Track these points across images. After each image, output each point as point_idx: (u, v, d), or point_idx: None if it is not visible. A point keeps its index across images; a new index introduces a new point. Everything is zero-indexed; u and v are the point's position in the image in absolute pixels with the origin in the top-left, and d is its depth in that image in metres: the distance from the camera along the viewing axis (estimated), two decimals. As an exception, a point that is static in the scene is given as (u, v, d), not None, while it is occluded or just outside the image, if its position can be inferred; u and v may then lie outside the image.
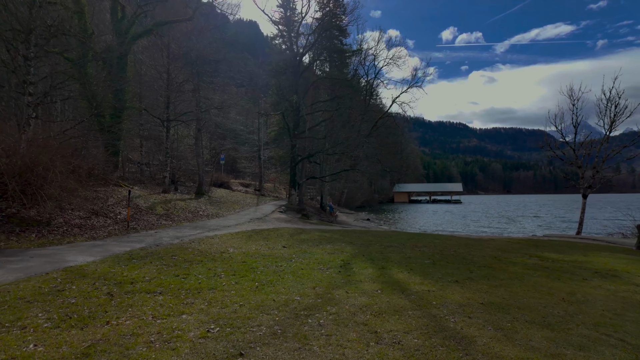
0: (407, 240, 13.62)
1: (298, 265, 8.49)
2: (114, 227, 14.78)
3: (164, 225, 16.94)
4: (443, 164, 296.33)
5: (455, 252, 11.01)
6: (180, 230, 15.48)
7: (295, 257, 9.62)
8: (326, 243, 12.43)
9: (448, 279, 7.49)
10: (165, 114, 26.47)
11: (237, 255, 9.65)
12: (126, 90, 25.02)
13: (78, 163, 18.17)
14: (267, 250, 10.77)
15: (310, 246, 11.66)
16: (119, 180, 23.70)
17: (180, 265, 8.27)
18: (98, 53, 23.02)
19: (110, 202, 17.82)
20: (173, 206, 21.38)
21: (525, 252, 11.35)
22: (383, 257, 9.74)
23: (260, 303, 5.64)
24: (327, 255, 9.88)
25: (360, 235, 15.26)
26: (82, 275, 7.11)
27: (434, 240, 13.96)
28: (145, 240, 12.19)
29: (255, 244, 11.86)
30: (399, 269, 8.38)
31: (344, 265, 8.64)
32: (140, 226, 15.91)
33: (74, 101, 23.74)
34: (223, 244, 11.81)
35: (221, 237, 13.37)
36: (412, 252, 10.92)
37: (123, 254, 9.42)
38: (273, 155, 53.84)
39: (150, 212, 18.67)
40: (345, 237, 14.42)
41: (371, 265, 8.63)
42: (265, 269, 8.10)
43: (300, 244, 12.21)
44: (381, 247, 11.80)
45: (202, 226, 17.18)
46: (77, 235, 12.64)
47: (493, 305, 5.79)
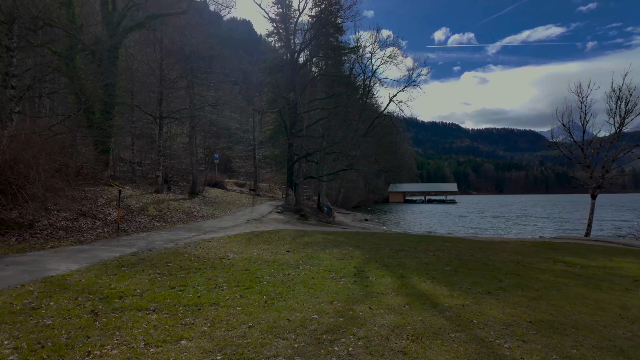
0: (417, 244, 12.81)
1: (307, 274, 7.63)
2: (103, 230, 13.80)
3: (157, 227, 15.98)
4: (436, 164, 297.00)
5: (473, 257, 10.22)
6: (174, 232, 14.54)
7: (303, 263, 8.75)
8: (332, 247, 11.58)
9: (478, 290, 6.68)
10: (158, 111, 25.46)
11: (238, 262, 8.77)
12: (117, 86, 23.99)
13: (65, 161, 17.17)
14: (270, 255, 9.89)
15: (315, 250, 10.80)
16: (109, 179, 22.69)
17: (176, 274, 7.37)
18: (87, 45, 21.96)
19: (100, 203, 16.82)
20: (166, 207, 20.41)
21: (546, 257, 10.59)
22: (398, 264, 8.92)
23: (272, 323, 4.77)
24: (336, 261, 9.03)
25: (366, 237, 14.43)
26: (63, 287, 6.19)
27: (444, 243, 13.17)
28: (136, 244, 11.25)
29: (256, 248, 10.98)
30: (420, 277, 7.55)
31: (358, 273, 7.79)
32: (132, 228, 14.94)
33: (63, 97, 22.67)
34: (221, 248, 10.90)
35: (219, 241, 12.47)
36: (427, 257, 10.11)
37: (112, 261, 8.49)
38: (268, 155, 52.89)
39: (142, 213, 17.70)
40: (350, 239, 13.58)
41: (388, 273, 7.79)
42: (271, 278, 7.22)
43: (305, 248, 11.35)
44: (392, 251, 10.98)
45: (198, 228, 16.25)
46: (62, 238, 11.66)
47: (544, 324, 4.98)
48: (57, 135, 17.05)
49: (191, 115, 27.72)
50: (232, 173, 55.23)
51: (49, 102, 25.63)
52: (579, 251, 11.97)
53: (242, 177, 54.16)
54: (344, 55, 34.59)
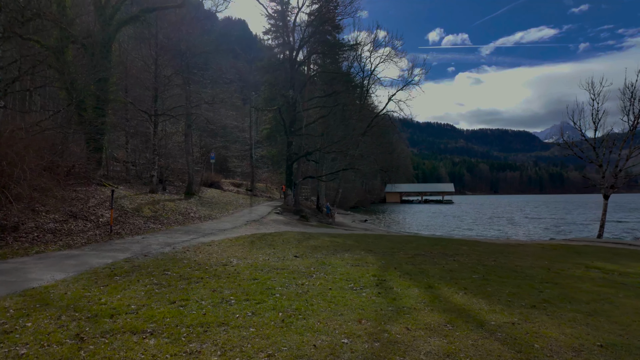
0: (432, 247, 12.02)
1: (323, 284, 6.80)
2: (95, 232, 12.89)
3: (152, 229, 15.08)
4: (432, 164, 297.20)
5: (497, 262, 9.44)
6: (171, 235, 13.65)
7: (315, 271, 7.92)
8: (342, 251, 10.75)
9: (520, 303, 5.88)
10: (153, 108, 24.53)
11: (243, 269, 7.91)
12: (110, 81, 23.03)
13: (54, 159, 16.24)
14: (278, 261, 9.05)
15: (325, 255, 9.97)
16: (102, 179, 21.75)
17: (176, 284, 6.51)
18: (78, 39, 20.99)
19: (92, 204, 15.89)
20: (162, 207, 19.50)
21: (574, 262, 9.83)
22: (420, 271, 8.10)
23: (296, 351, 3.93)
24: (351, 269, 8.20)
25: (376, 241, 13.61)
26: (45, 302, 5.32)
27: (460, 246, 12.38)
28: (130, 248, 10.36)
29: (261, 253, 10.13)
30: (450, 287, 6.74)
31: (380, 283, 6.96)
32: (126, 231, 14.03)
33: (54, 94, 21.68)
34: (223, 252, 10.04)
35: (219, 244, 11.60)
36: (447, 262, 9.31)
37: (103, 269, 7.61)
38: (265, 154, 51.98)
39: (136, 214, 16.78)
40: (359, 243, 12.75)
41: (413, 283, 6.98)
42: (284, 289, 6.38)
43: (314, 252, 10.51)
44: (408, 256, 10.18)
45: (196, 230, 15.36)
46: (49, 242, 10.74)
47: (618, 349, 4.18)
48: (45, 132, 16.12)
49: (187, 112, 26.80)
50: (228, 173, 54.27)
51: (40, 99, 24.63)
52: (605, 255, 11.22)
53: (238, 177, 53.27)
54: (343, 52, 33.76)
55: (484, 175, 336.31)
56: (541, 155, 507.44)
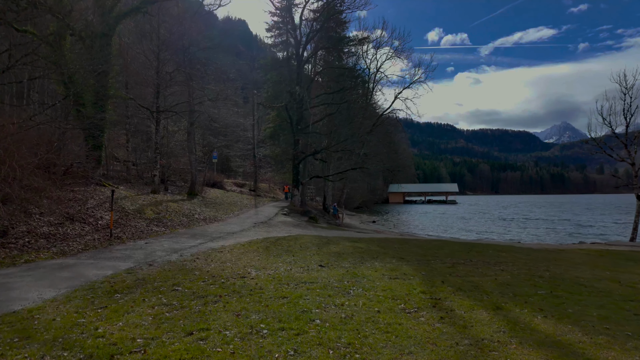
0: (467, 254, 10.84)
1: (368, 304, 5.61)
2: (93, 237, 11.71)
3: (156, 232, 13.90)
4: (432, 164, 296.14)
5: (551, 273, 8.27)
6: (176, 239, 12.48)
7: (350, 285, 6.73)
8: (370, 259, 9.58)
9: (624, 332, 4.70)
10: (155, 105, 23.41)
11: (266, 283, 6.74)
12: (110, 76, 21.87)
13: (50, 157, 15.07)
14: (302, 272, 7.87)
15: (354, 264, 8.79)
16: (101, 178, 20.61)
17: (190, 305, 5.34)
18: (76, 30, 19.84)
19: (90, 205, 14.73)
20: (165, 209, 18.34)
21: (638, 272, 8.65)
22: (472, 285, 6.92)
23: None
24: (391, 282, 7.02)
25: (402, 246, 12.42)
26: (26, 334, 4.14)
27: (499, 253, 11.20)
28: (133, 255, 9.19)
29: (280, 262, 8.95)
30: (521, 308, 5.56)
31: (436, 303, 5.77)
32: (127, 234, 12.85)
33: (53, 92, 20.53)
34: (237, 261, 8.87)
35: (231, 250, 10.42)
36: (495, 272, 8.14)
37: (101, 283, 6.44)
38: (268, 154, 50.83)
39: (138, 216, 15.61)
40: (385, 249, 11.57)
41: (474, 303, 5.80)
42: (323, 312, 5.19)
43: (338, 260, 9.33)
44: (447, 265, 9.00)
45: (202, 233, 14.19)
46: (41, 249, 9.56)
47: None
48: (40, 127, 14.95)
49: (190, 110, 25.66)
50: (230, 173, 53.19)
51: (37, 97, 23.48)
52: (662, 263, 10.05)
53: (240, 177, 52.21)
54: (350, 46, 32.52)
55: (485, 176, 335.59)
56: (541, 156, 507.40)
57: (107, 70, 21.33)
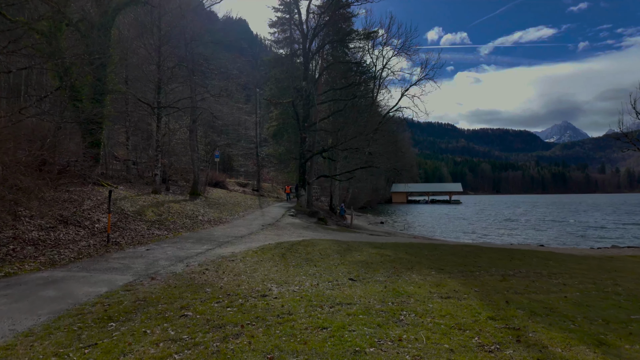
0: (509, 261, 9.64)
1: (432, 337, 4.40)
2: (89, 242, 10.51)
3: (158, 236, 12.70)
4: (434, 164, 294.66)
5: (624, 288, 7.06)
6: (180, 244, 11.27)
7: (399, 308, 5.51)
8: (404, 270, 8.37)
9: None
10: (156, 100, 22.23)
11: (294, 304, 5.53)
12: (109, 69, 20.66)
13: (42, 154, 13.89)
14: (332, 287, 6.65)
15: (388, 277, 7.59)
16: (100, 178, 19.42)
17: (205, 341, 4.14)
18: (73, 21, 18.64)
19: (87, 206, 13.53)
20: (167, 210, 17.15)
21: None
22: (544, 307, 5.69)
23: None
24: (445, 303, 5.80)
25: (433, 253, 11.18)
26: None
27: (544, 260, 9.97)
28: (132, 265, 7.99)
29: (302, 273, 7.75)
30: (633, 344, 4.36)
31: (518, 336, 4.52)
32: (126, 239, 11.64)
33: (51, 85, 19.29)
34: (253, 272, 7.66)
35: (244, 258, 9.22)
36: (560, 288, 6.92)
37: (92, 306, 5.24)
38: (271, 153, 49.67)
39: (138, 218, 14.41)
40: (415, 256, 10.34)
41: (565, 334, 4.59)
42: (381, 353, 3.97)
43: (369, 271, 8.12)
44: (495, 277, 7.79)
45: (208, 238, 12.98)
46: (27, 258, 8.36)
47: None
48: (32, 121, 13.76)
49: (192, 106, 24.49)
50: (232, 172, 52.08)
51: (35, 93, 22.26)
52: None
53: (242, 176, 51.10)
54: (358, 40, 31.28)
55: (486, 175, 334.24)
56: (542, 155, 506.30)
57: (105, 63, 20.14)
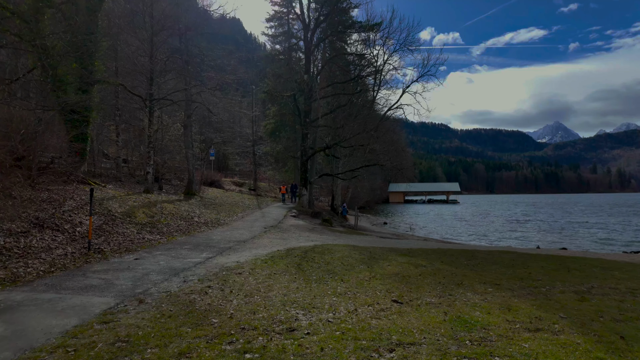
0: (567, 272, 8.15)
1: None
2: (66, 250, 8.88)
3: (149, 242, 11.06)
4: (428, 164, 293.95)
5: None
6: (175, 251, 9.65)
7: (486, 352, 3.98)
8: (453, 285, 6.83)
9: None
10: (148, 92, 20.61)
11: (338, 348, 3.98)
12: (96, 57, 18.99)
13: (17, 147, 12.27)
14: (376, 313, 5.11)
15: (439, 297, 6.06)
16: (86, 176, 17.77)
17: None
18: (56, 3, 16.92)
19: (68, 207, 11.86)
20: (159, 211, 15.51)
21: None
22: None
23: None
24: (547, 344, 4.27)
25: (471, 261, 9.62)
26: None
27: (608, 272, 8.45)
28: (115, 282, 6.39)
29: (330, 290, 6.19)
30: None
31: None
32: (112, 246, 10.00)
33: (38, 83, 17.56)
34: (268, 290, 6.10)
35: (253, 270, 7.64)
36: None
37: (51, 353, 3.65)
38: (268, 151, 48.08)
39: (127, 220, 12.76)
40: (455, 266, 8.80)
41: None
42: None
43: (412, 288, 6.58)
44: (566, 294, 6.30)
45: (207, 243, 11.38)
46: (-15, 272, 6.73)
47: None
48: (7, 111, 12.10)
49: (187, 99, 22.85)
50: (227, 171, 50.52)
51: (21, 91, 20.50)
52: None
53: (237, 175, 49.56)
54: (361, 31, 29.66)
55: (480, 175, 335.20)
56: (535, 155, 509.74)
57: (92, 51, 18.48)
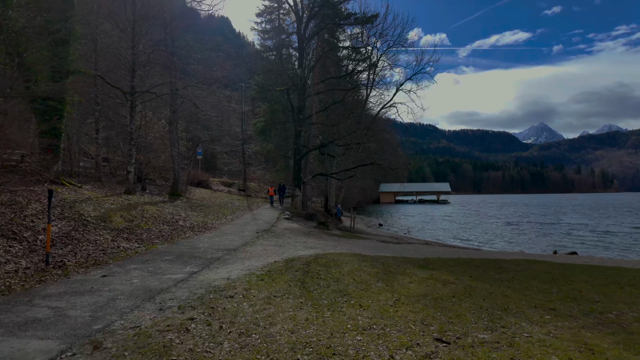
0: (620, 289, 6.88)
1: None
2: (18, 264, 7.32)
3: (124, 251, 9.51)
4: (417, 164, 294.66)
5: None
6: (154, 265, 8.14)
7: None
8: (498, 310, 5.49)
9: None
10: (130, 85, 19.00)
11: None
12: (72, 45, 17.26)
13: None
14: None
15: (491, 330, 4.70)
16: (61, 176, 16.14)
17: None
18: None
19: (32, 211, 10.24)
20: (140, 214, 13.94)
21: None
22: None
23: None
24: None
25: (501, 274, 8.27)
26: None
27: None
28: (69, 313, 4.90)
29: (350, 324, 4.80)
30: None
31: None
32: (78, 257, 8.44)
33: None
34: (269, 326, 4.67)
35: (247, 292, 6.20)
36: None
37: None
38: (258, 150, 46.55)
39: (101, 225, 11.17)
40: (488, 282, 7.45)
41: None
42: None
43: (451, 317, 5.21)
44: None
45: (192, 252, 9.87)
46: None
47: None
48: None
49: (172, 92, 21.28)
50: (215, 171, 48.87)
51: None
52: None
53: (226, 175, 47.99)
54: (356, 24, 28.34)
55: (468, 175, 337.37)
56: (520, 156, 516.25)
57: (67, 39, 16.76)
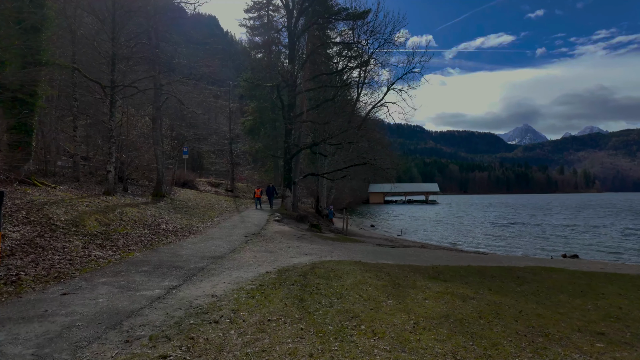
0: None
1: None
2: (-36, 280, 6.14)
3: (95, 261, 8.35)
4: (405, 165, 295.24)
5: None
6: (126, 278, 7.01)
7: None
8: (536, 336, 4.55)
9: None
10: (109, 79, 17.79)
11: None
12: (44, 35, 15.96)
13: None
14: None
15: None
16: (31, 175, 14.85)
17: None
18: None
19: (-9, 214, 8.94)
20: (118, 217, 12.74)
21: None
22: None
23: None
24: None
25: (522, 286, 7.35)
26: None
27: None
28: (6, 351, 3.80)
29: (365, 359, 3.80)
30: None
31: None
32: (39, 269, 7.27)
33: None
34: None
35: (235, 315, 5.17)
36: None
37: None
38: (246, 150, 45.35)
39: (72, 230, 9.96)
40: (511, 297, 6.51)
41: None
42: None
43: (486, 348, 4.24)
44: None
45: (172, 261, 8.75)
46: None
47: None
48: None
49: (155, 87, 20.09)
50: (202, 171, 47.55)
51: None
52: None
53: (213, 175, 46.71)
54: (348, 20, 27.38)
55: (454, 176, 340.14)
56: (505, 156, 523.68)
57: (39, 27, 15.47)
